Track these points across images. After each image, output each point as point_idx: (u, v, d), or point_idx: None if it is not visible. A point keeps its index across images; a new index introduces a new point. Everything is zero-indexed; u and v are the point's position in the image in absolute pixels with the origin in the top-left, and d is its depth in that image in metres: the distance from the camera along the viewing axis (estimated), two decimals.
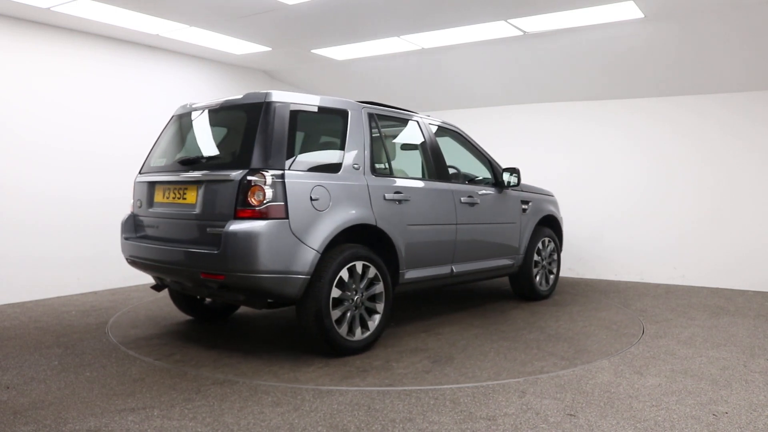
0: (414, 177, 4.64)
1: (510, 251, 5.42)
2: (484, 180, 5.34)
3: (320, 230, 3.68)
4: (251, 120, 3.73)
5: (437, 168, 4.76)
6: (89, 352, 3.94)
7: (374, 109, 4.41)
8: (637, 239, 6.97)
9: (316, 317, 3.67)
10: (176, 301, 4.80)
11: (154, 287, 4.49)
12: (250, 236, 3.45)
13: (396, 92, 7.71)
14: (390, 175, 4.38)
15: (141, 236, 4.29)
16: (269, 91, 3.80)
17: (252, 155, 3.59)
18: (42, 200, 5.77)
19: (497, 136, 7.42)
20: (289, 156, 3.69)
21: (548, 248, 5.90)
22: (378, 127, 4.38)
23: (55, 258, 5.86)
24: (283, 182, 3.56)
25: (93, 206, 6.12)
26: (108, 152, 6.27)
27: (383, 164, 4.41)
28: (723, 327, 4.68)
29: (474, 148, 5.34)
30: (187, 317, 4.96)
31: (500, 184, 5.32)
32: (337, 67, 7.47)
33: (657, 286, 6.62)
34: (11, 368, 3.59)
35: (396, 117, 4.67)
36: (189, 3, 5.19)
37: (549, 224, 6.03)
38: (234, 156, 3.77)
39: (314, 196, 3.70)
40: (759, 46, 5.53)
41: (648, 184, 6.92)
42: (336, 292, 3.75)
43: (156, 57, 6.74)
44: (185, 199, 3.90)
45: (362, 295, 3.94)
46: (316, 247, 3.65)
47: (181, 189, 3.95)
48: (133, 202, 4.44)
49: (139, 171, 4.49)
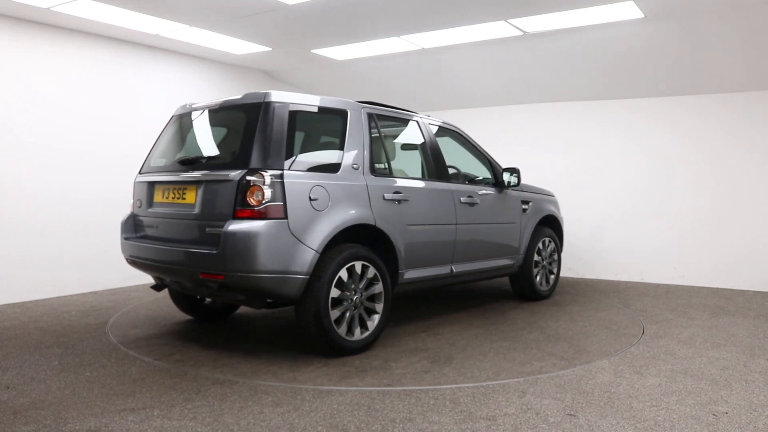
0: (413, 177, 4.64)
1: (510, 251, 5.41)
2: (484, 180, 5.33)
3: (319, 230, 3.68)
4: (250, 120, 3.73)
5: (437, 168, 4.76)
6: (89, 352, 3.95)
7: (374, 109, 4.41)
8: (637, 239, 6.97)
9: (315, 317, 3.67)
10: (176, 301, 4.80)
11: (154, 287, 4.50)
12: (249, 236, 3.46)
13: (396, 92, 7.71)
14: (389, 175, 4.38)
15: (141, 236, 4.29)
16: (268, 91, 3.80)
17: (251, 155, 3.60)
18: (42, 200, 5.77)
19: (497, 136, 7.42)
20: (288, 156, 3.69)
21: (548, 248, 5.90)
22: (377, 127, 4.37)
23: (55, 258, 5.86)
24: (282, 182, 3.56)
25: (93, 206, 6.12)
26: (108, 152, 6.27)
27: (383, 164, 4.41)
28: (723, 327, 4.68)
29: (474, 148, 5.33)
30: (187, 317, 4.96)
31: (500, 184, 5.32)
32: (337, 67, 7.47)
33: (657, 286, 6.61)
34: (11, 368, 3.59)
35: (395, 117, 4.67)
36: (189, 3, 5.20)
37: (549, 224, 6.03)
38: (233, 156, 3.77)
39: (313, 196, 3.70)
40: (759, 46, 5.52)
41: (648, 184, 6.92)
42: (335, 292, 3.75)
43: (156, 57, 6.74)
44: (184, 199, 3.90)
45: (361, 295, 3.94)
46: (315, 247, 3.65)
47: (181, 189, 3.95)
48: (133, 202, 4.45)
49: (139, 171, 4.49)
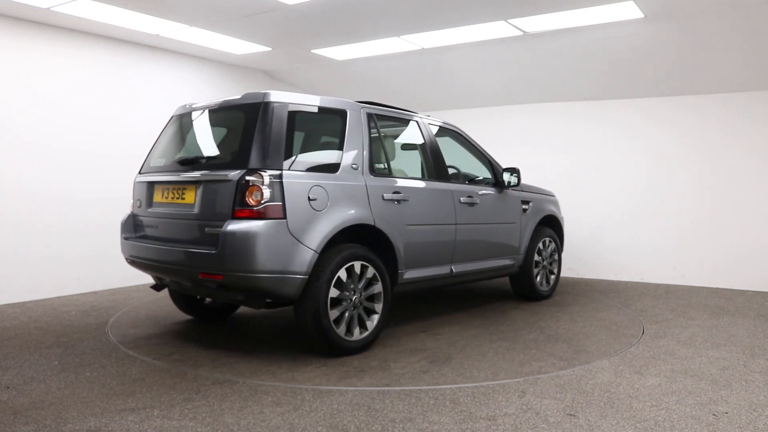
0: (413, 177, 4.64)
1: (510, 251, 5.41)
2: (484, 180, 5.33)
3: (318, 230, 3.68)
4: (249, 120, 3.73)
5: (437, 168, 4.76)
6: (89, 352, 3.95)
7: (373, 109, 4.41)
8: (637, 239, 6.97)
9: (314, 317, 3.67)
10: (176, 301, 4.80)
11: (154, 287, 4.50)
12: (248, 236, 3.45)
13: (396, 92, 7.70)
14: (389, 175, 4.37)
15: (140, 236, 4.29)
16: (267, 92, 3.80)
17: (250, 155, 3.60)
18: (42, 200, 5.77)
19: (497, 136, 7.42)
20: (287, 156, 3.69)
21: (549, 248, 5.90)
22: (377, 127, 4.37)
23: (55, 258, 5.86)
24: (281, 182, 3.56)
25: (93, 206, 6.12)
26: (108, 152, 6.27)
27: (382, 164, 4.41)
28: (723, 327, 4.68)
29: (474, 148, 5.33)
30: (187, 317, 4.96)
31: (500, 184, 5.31)
32: (337, 67, 7.47)
33: (657, 286, 6.61)
34: (11, 368, 3.59)
35: (395, 117, 4.67)
36: (189, 3, 5.20)
37: (550, 224, 6.02)
38: (232, 156, 3.77)
39: (312, 196, 3.70)
40: (759, 46, 5.52)
41: (648, 184, 6.92)
42: (334, 292, 3.75)
43: (156, 57, 6.74)
44: (184, 199, 3.90)
45: (360, 295, 3.94)
46: (314, 247, 3.65)
47: (180, 189, 3.95)
48: (133, 202, 4.45)
49: (139, 171, 4.50)
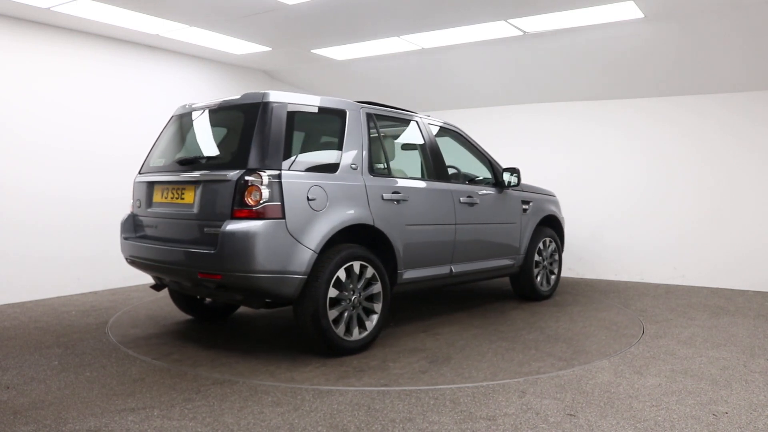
0: (413, 177, 4.64)
1: (510, 251, 5.41)
2: (484, 180, 5.33)
3: (317, 230, 3.68)
4: (249, 120, 3.73)
5: (436, 168, 4.76)
6: (89, 352, 3.95)
7: (373, 109, 4.41)
8: (637, 239, 6.97)
9: (313, 317, 3.67)
10: (176, 301, 4.80)
11: (154, 287, 4.50)
12: (247, 236, 3.45)
13: (396, 92, 7.70)
14: (388, 175, 4.37)
15: (140, 236, 4.29)
16: (266, 92, 3.80)
17: (249, 155, 3.60)
18: (42, 200, 5.77)
19: (497, 136, 7.42)
20: (286, 156, 3.69)
21: (549, 248, 5.89)
22: (376, 127, 4.37)
23: (55, 258, 5.86)
24: (280, 182, 3.56)
25: (93, 206, 6.12)
26: (108, 152, 6.27)
27: (381, 164, 4.40)
28: (723, 327, 4.68)
29: (474, 148, 5.33)
30: (187, 317, 4.96)
31: (500, 184, 5.31)
32: (337, 67, 7.47)
33: (657, 286, 6.61)
34: (11, 368, 3.59)
35: (395, 117, 4.67)
36: (189, 3, 5.19)
37: (550, 224, 6.02)
38: (231, 156, 3.77)
39: (311, 196, 3.70)
40: (759, 46, 5.52)
41: (648, 184, 6.92)
42: (333, 292, 3.75)
43: (156, 57, 6.74)
44: (183, 199, 3.90)
45: (360, 295, 3.94)
46: (313, 247, 3.65)
47: (180, 189, 3.95)
48: (133, 202, 4.45)
49: (139, 171, 4.50)
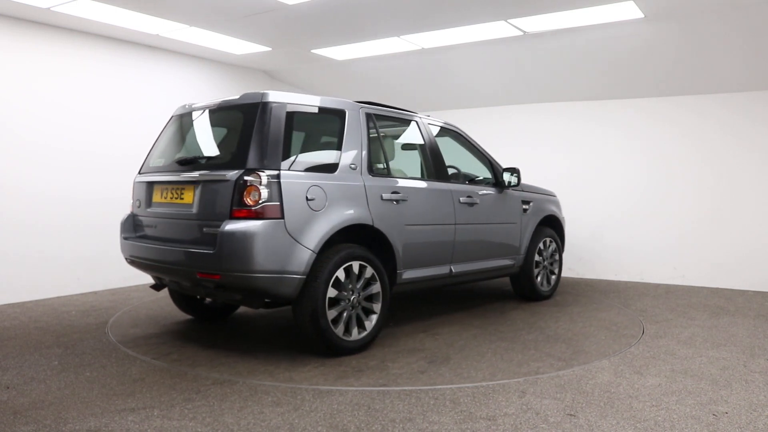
0: (412, 177, 4.63)
1: (510, 251, 5.41)
2: (484, 180, 5.33)
3: (316, 230, 3.68)
4: (248, 120, 3.73)
5: (436, 168, 4.76)
6: (89, 352, 3.95)
7: (372, 109, 4.40)
8: (637, 239, 6.97)
9: (312, 317, 3.67)
10: (176, 301, 4.80)
11: (154, 287, 4.50)
12: (246, 236, 3.45)
13: (396, 92, 7.70)
14: (388, 175, 4.37)
15: (140, 236, 4.29)
16: (266, 92, 3.80)
17: (248, 155, 3.60)
18: (42, 200, 5.77)
19: (497, 136, 7.42)
20: (285, 156, 3.69)
21: (550, 248, 5.89)
22: (376, 128, 4.37)
23: (55, 258, 5.86)
24: (279, 182, 3.57)
25: (93, 206, 6.12)
26: (108, 152, 6.27)
27: (381, 164, 4.40)
28: (723, 327, 4.68)
29: (474, 148, 5.33)
30: (187, 317, 4.96)
31: (500, 184, 5.31)
32: (337, 67, 7.47)
33: (657, 286, 6.61)
34: (11, 368, 3.59)
35: (394, 117, 4.66)
36: (189, 3, 5.19)
37: (551, 224, 6.02)
38: (231, 156, 3.77)
39: (310, 196, 3.70)
40: (759, 46, 5.52)
41: (648, 184, 6.92)
42: (332, 292, 3.75)
43: (156, 57, 6.74)
44: (183, 199, 3.90)
45: (359, 295, 3.94)
46: (312, 247, 3.65)
47: (179, 189, 3.95)
48: (133, 202, 4.45)
49: (139, 171, 4.50)
